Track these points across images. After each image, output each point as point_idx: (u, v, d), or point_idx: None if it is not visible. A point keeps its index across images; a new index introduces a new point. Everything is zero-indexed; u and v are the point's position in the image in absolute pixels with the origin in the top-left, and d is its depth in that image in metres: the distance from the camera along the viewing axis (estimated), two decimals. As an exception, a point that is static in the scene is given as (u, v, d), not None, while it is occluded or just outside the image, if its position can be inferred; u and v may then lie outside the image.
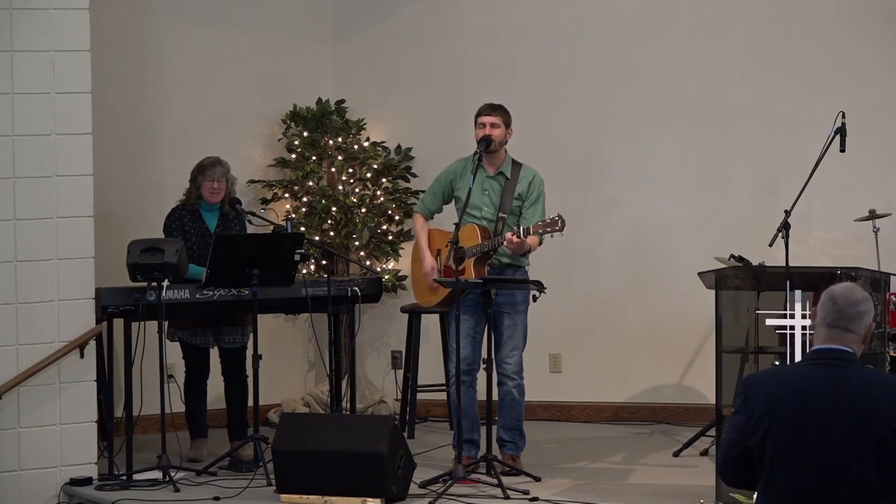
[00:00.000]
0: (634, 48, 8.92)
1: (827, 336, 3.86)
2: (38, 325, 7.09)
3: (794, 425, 3.76)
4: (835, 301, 3.87)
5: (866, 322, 3.87)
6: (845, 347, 3.84)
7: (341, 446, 6.63)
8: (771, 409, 3.79)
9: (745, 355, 7.05)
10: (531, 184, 7.31)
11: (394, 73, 9.39)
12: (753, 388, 3.88)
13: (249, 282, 7.19)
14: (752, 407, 3.83)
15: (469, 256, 7.20)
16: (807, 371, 3.86)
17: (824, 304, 3.88)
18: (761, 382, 3.90)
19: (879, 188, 8.37)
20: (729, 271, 6.99)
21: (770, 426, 3.78)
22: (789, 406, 3.78)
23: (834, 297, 3.88)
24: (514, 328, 7.25)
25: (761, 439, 3.78)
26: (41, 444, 7.11)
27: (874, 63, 8.57)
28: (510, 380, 7.27)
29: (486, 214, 7.29)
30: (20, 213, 7.07)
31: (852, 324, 3.85)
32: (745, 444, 3.83)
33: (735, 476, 3.93)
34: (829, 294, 3.90)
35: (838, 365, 3.82)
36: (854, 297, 3.87)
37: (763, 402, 3.81)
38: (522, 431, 7.37)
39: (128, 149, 8.74)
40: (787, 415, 3.77)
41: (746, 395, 3.87)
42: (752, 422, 3.81)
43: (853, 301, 3.86)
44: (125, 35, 8.74)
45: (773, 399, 3.81)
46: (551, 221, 7.05)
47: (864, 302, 3.88)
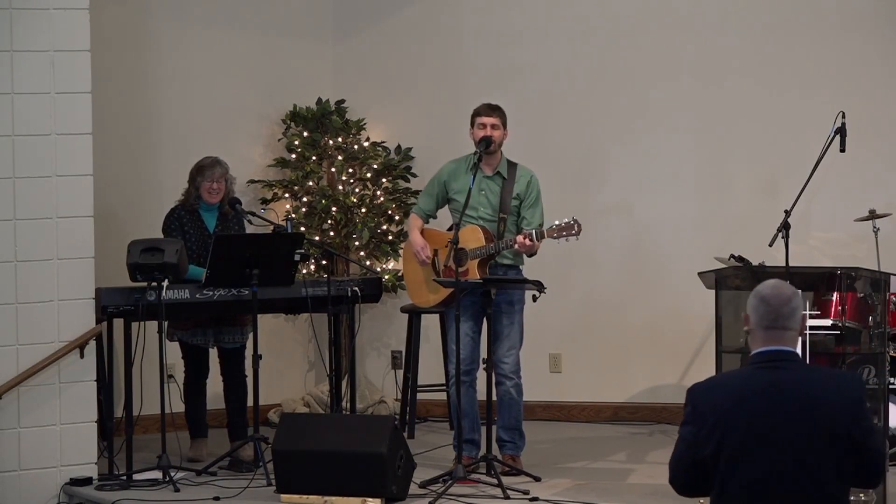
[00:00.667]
0: (634, 48, 8.93)
1: (766, 338, 3.84)
2: (38, 325, 7.09)
3: (747, 431, 3.74)
4: (767, 302, 3.85)
5: (799, 316, 3.87)
6: (787, 348, 3.84)
7: (341, 446, 6.63)
8: (722, 417, 3.77)
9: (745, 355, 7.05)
10: (529, 184, 7.31)
11: (394, 73, 9.39)
12: (700, 397, 3.86)
13: (249, 282, 7.19)
14: (701, 417, 3.81)
15: (472, 258, 7.19)
16: (753, 376, 3.85)
17: (757, 308, 3.86)
18: (708, 391, 3.88)
19: (879, 188, 8.37)
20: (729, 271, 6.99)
21: (723, 434, 3.76)
22: (740, 413, 3.76)
23: (765, 298, 3.86)
24: (511, 327, 7.25)
25: (715, 448, 3.76)
26: (41, 444, 7.11)
27: (874, 63, 8.57)
28: (508, 379, 7.27)
29: (483, 215, 7.28)
30: (20, 213, 7.06)
31: (789, 321, 3.84)
32: (696, 454, 3.80)
33: (688, 486, 3.90)
34: (758, 296, 3.87)
35: (783, 367, 3.81)
36: (785, 294, 3.86)
37: (712, 411, 3.79)
38: (522, 431, 7.37)
39: (128, 149, 8.74)
40: (739, 422, 3.75)
41: (694, 405, 3.85)
42: (704, 431, 3.79)
43: (785, 299, 3.85)
44: (125, 35, 8.74)
45: (723, 407, 3.78)
46: (567, 225, 7.04)
47: (795, 297, 3.88)
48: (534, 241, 7.07)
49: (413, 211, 7.64)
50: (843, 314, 6.68)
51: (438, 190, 7.44)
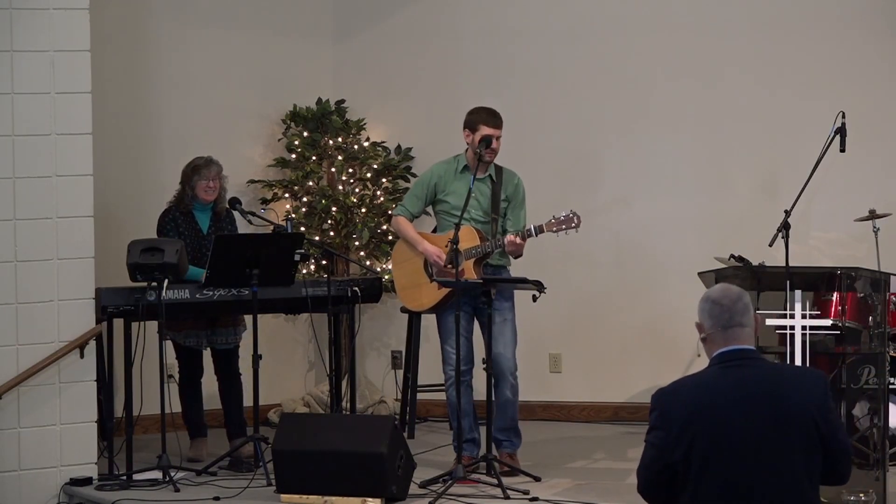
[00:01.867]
0: (634, 48, 8.93)
1: (726, 338, 3.88)
2: (38, 325, 7.09)
3: (718, 432, 3.75)
4: (719, 303, 3.89)
5: (752, 313, 3.91)
6: (747, 346, 3.86)
7: (341, 446, 6.63)
8: (690, 420, 3.77)
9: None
10: (517, 187, 7.32)
11: (394, 73, 9.39)
12: (667, 401, 3.86)
13: (249, 282, 7.19)
14: (669, 421, 3.81)
15: (467, 258, 7.18)
16: (718, 376, 3.86)
17: (710, 311, 3.89)
18: (674, 394, 3.88)
19: (879, 188, 8.38)
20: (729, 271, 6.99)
21: (693, 437, 3.76)
22: (709, 414, 3.77)
23: (715, 300, 3.91)
24: (504, 325, 7.23)
25: (685, 452, 3.76)
26: (41, 444, 7.11)
27: (874, 63, 8.57)
28: (504, 379, 7.25)
29: (475, 216, 7.26)
30: (20, 213, 7.06)
31: (744, 318, 3.88)
32: (667, 459, 3.80)
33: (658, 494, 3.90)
34: (709, 300, 3.92)
35: (747, 364, 3.84)
36: (733, 293, 3.92)
37: (681, 415, 3.79)
38: (517, 430, 7.36)
39: (128, 149, 8.74)
40: (709, 423, 3.76)
41: (661, 410, 3.85)
42: (673, 436, 3.78)
43: (734, 297, 3.90)
44: (125, 35, 8.75)
45: (691, 410, 3.79)
46: (566, 219, 7.03)
47: (744, 295, 3.92)
48: (524, 240, 7.07)
49: (399, 213, 7.48)
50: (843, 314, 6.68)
51: (427, 192, 7.38)
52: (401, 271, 7.50)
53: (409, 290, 7.43)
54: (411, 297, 7.44)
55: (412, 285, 7.40)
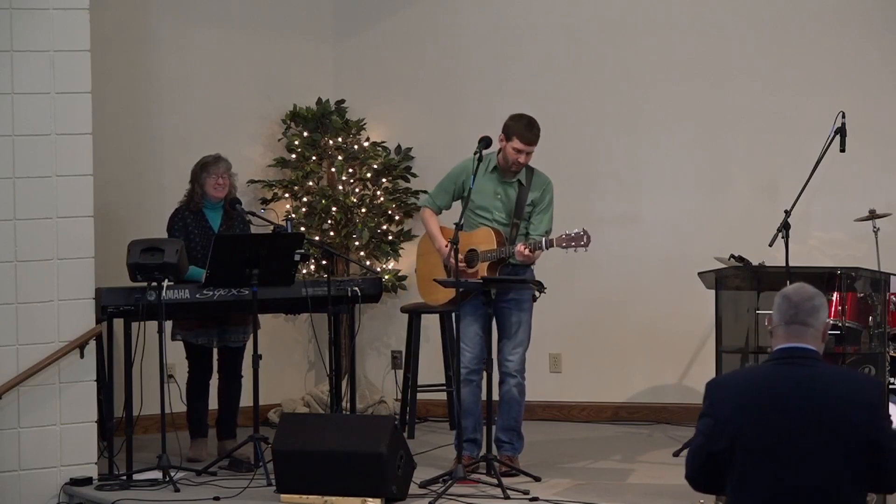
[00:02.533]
0: (634, 48, 8.93)
1: (787, 334, 3.84)
2: (38, 325, 7.09)
3: (762, 427, 3.74)
4: (789, 299, 3.86)
5: (823, 317, 3.86)
6: (807, 346, 3.83)
7: (341, 446, 6.63)
8: (737, 410, 3.77)
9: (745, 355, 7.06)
10: (544, 191, 7.29)
11: (394, 73, 9.39)
12: (718, 391, 3.86)
13: (249, 282, 7.19)
14: (717, 410, 3.81)
15: (482, 261, 7.18)
16: (771, 371, 3.84)
17: (779, 306, 3.87)
18: (726, 385, 3.88)
19: (879, 188, 8.37)
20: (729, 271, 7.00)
21: (738, 427, 3.75)
22: (756, 408, 3.76)
23: (787, 295, 3.87)
24: (518, 326, 7.24)
25: (730, 441, 3.76)
26: (41, 444, 7.10)
27: (874, 63, 8.57)
28: (511, 377, 7.26)
29: (498, 218, 7.26)
30: (20, 213, 7.06)
31: (810, 318, 3.83)
32: (712, 446, 3.80)
33: (703, 481, 3.90)
34: (781, 295, 3.89)
35: (802, 363, 3.81)
36: (807, 292, 3.87)
37: (728, 405, 3.79)
38: (520, 433, 7.36)
39: (128, 149, 8.74)
40: (754, 417, 3.75)
41: (711, 399, 3.84)
42: (718, 425, 3.79)
43: (807, 296, 3.86)
44: (125, 35, 8.75)
45: (739, 402, 3.78)
46: (577, 236, 7.02)
47: (818, 297, 3.87)
48: (533, 252, 7.05)
49: (426, 204, 7.49)
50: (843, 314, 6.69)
51: (455, 187, 7.36)
52: (422, 263, 7.54)
53: (427, 283, 7.44)
54: (428, 291, 7.46)
55: (429, 280, 7.40)
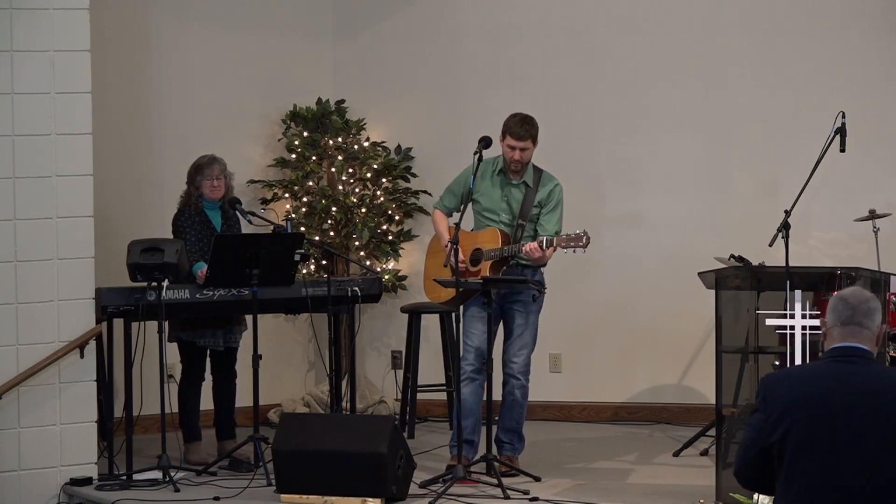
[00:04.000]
0: (635, 48, 8.92)
1: (842, 334, 3.87)
2: (38, 325, 7.09)
3: (814, 422, 3.75)
4: (846, 301, 3.89)
5: (878, 319, 3.89)
6: (862, 345, 3.85)
7: (341, 446, 6.63)
8: (790, 406, 3.79)
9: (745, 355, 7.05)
10: (551, 192, 7.29)
11: (394, 73, 9.39)
12: (772, 386, 3.88)
13: (249, 282, 7.19)
14: (770, 405, 3.83)
15: (486, 259, 7.19)
16: (825, 368, 3.87)
17: (836, 307, 3.90)
18: (780, 380, 3.91)
19: (879, 188, 8.37)
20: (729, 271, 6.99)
21: (790, 424, 3.77)
22: (808, 403, 3.78)
23: (843, 297, 3.91)
24: (524, 327, 7.25)
25: (781, 438, 3.78)
26: (41, 444, 7.11)
27: (874, 63, 8.57)
28: (515, 379, 7.27)
29: (504, 219, 7.26)
30: (20, 213, 7.06)
31: (866, 319, 3.86)
32: (763, 442, 3.81)
33: (752, 476, 3.91)
34: (838, 297, 3.93)
35: (856, 362, 3.83)
36: (864, 295, 3.91)
37: (781, 400, 3.81)
38: (521, 434, 7.37)
39: (128, 149, 8.74)
40: (807, 412, 3.77)
41: (765, 394, 3.87)
42: (771, 420, 3.80)
43: (863, 298, 3.90)
44: (125, 35, 8.75)
45: (792, 397, 3.80)
46: (576, 236, 7.02)
47: (873, 300, 3.91)
48: (543, 249, 7.05)
49: (436, 207, 7.55)
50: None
51: (463, 189, 7.36)
52: (430, 262, 7.57)
53: (431, 281, 7.46)
54: (432, 289, 7.47)
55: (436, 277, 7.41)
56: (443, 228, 7.42)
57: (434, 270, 7.47)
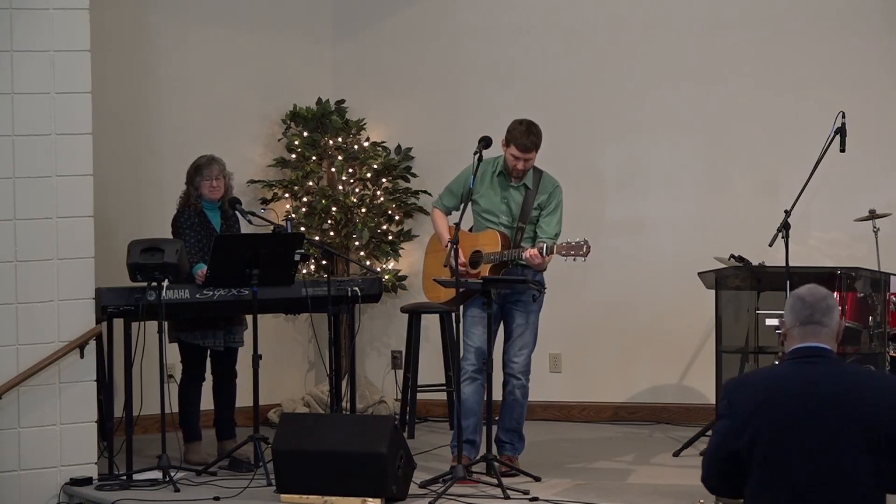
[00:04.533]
0: (635, 48, 8.93)
1: (803, 335, 3.85)
2: (38, 325, 7.08)
3: (782, 425, 3.73)
4: (803, 300, 3.87)
5: (836, 316, 3.87)
6: (823, 345, 3.83)
7: (341, 446, 6.63)
8: (756, 410, 3.76)
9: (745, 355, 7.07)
10: (551, 195, 7.28)
11: (394, 73, 9.39)
12: (736, 391, 3.86)
13: (249, 282, 7.19)
14: (736, 410, 3.80)
15: (486, 262, 7.19)
16: (789, 370, 3.84)
17: (793, 307, 3.87)
18: (743, 385, 3.89)
19: (879, 188, 8.37)
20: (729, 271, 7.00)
21: (757, 428, 3.75)
22: (775, 406, 3.76)
23: (801, 296, 3.89)
24: (525, 327, 7.25)
25: (749, 442, 3.75)
26: (41, 444, 7.10)
27: (874, 63, 8.57)
28: (515, 379, 7.27)
29: (504, 221, 7.26)
30: (20, 213, 7.06)
31: (825, 317, 3.84)
32: (731, 448, 3.78)
33: (720, 482, 3.88)
34: (795, 296, 3.90)
35: (819, 362, 3.81)
36: (821, 292, 3.88)
37: (747, 405, 3.78)
38: (522, 434, 7.37)
39: (128, 149, 8.74)
40: (774, 415, 3.74)
41: (729, 399, 3.84)
42: (738, 425, 3.78)
43: (821, 296, 3.87)
44: (125, 35, 8.75)
45: (758, 401, 3.78)
46: (577, 245, 7.02)
47: (830, 297, 3.89)
48: (543, 256, 7.05)
49: (435, 206, 7.54)
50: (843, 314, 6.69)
51: (463, 189, 7.36)
52: (429, 261, 7.57)
53: (430, 281, 7.46)
54: (431, 288, 7.48)
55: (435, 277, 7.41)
56: (442, 228, 7.42)
57: (433, 270, 7.47)
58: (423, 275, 7.64)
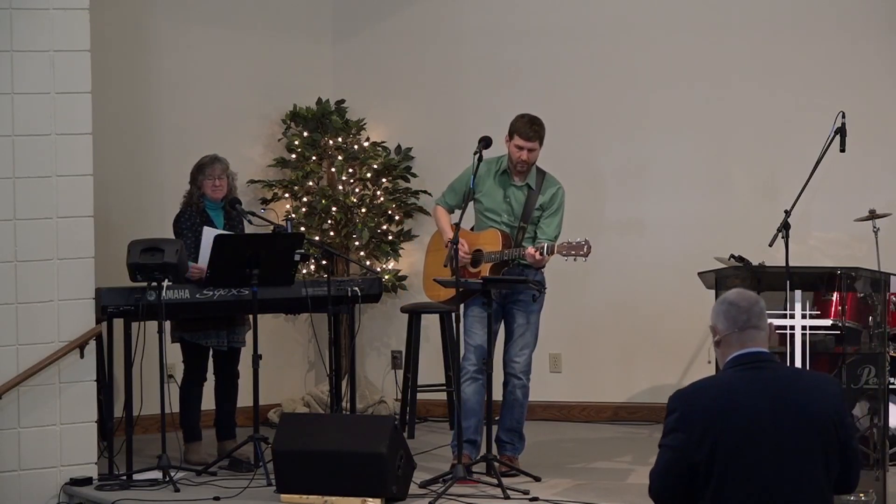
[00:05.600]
0: (635, 49, 8.93)
1: (742, 340, 3.84)
2: (38, 325, 7.09)
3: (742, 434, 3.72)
4: (738, 305, 3.86)
5: (766, 318, 3.88)
6: (762, 349, 3.84)
7: (341, 446, 6.63)
8: (713, 421, 3.74)
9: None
10: (553, 196, 7.29)
11: (394, 73, 9.39)
12: (688, 403, 3.82)
13: (249, 282, 7.19)
14: (690, 423, 3.77)
15: (486, 261, 7.19)
16: (738, 378, 3.82)
17: (727, 313, 3.86)
18: (695, 396, 3.85)
19: (879, 188, 8.38)
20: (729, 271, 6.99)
21: (716, 439, 3.72)
22: (732, 416, 3.74)
23: (733, 302, 3.87)
24: (526, 327, 7.25)
25: (708, 454, 3.72)
26: (41, 444, 7.11)
27: (874, 63, 8.57)
28: (516, 379, 7.27)
29: (506, 220, 7.27)
30: (20, 213, 7.06)
31: (760, 321, 3.85)
32: (689, 460, 3.75)
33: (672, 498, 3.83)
34: (725, 302, 3.88)
35: (763, 367, 3.82)
36: (752, 296, 3.89)
37: (702, 417, 3.76)
38: (522, 434, 7.37)
39: (128, 149, 8.74)
40: (733, 425, 3.73)
41: (681, 412, 3.81)
42: (695, 437, 3.75)
43: (753, 300, 3.88)
44: (125, 35, 8.75)
45: (712, 411, 3.75)
46: (577, 245, 7.02)
47: (760, 300, 3.90)
48: (544, 255, 7.05)
49: (438, 203, 7.54)
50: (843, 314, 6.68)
51: (466, 188, 7.34)
52: (430, 259, 7.57)
53: (430, 280, 7.47)
54: (431, 286, 7.48)
55: (435, 275, 7.41)
56: (445, 224, 7.41)
57: (434, 268, 7.47)
58: (424, 274, 7.65)
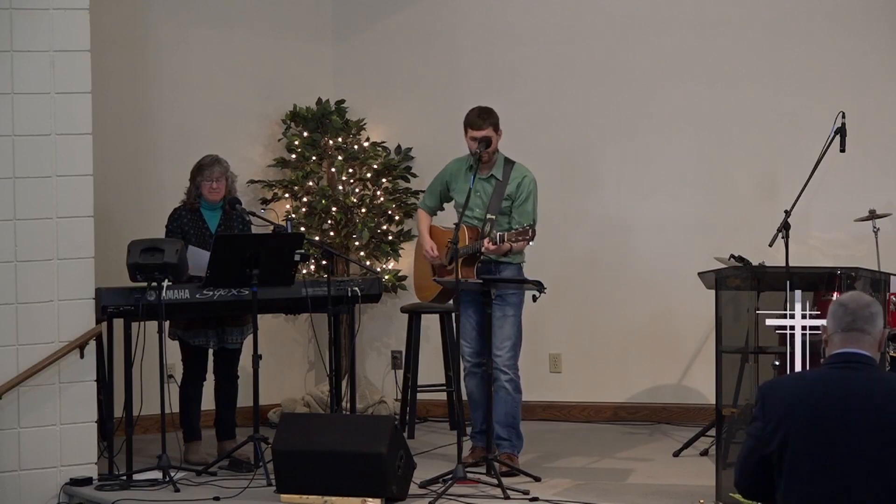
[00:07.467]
0: (635, 49, 8.92)
1: (843, 341, 3.82)
2: (38, 325, 7.09)
3: (812, 429, 3.71)
4: (846, 306, 3.84)
5: (879, 324, 3.84)
6: (863, 351, 3.81)
7: (341, 446, 6.63)
8: (787, 414, 3.74)
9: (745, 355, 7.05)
10: (520, 185, 7.30)
11: (394, 73, 9.39)
12: (770, 393, 3.84)
13: (249, 282, 7.19)
14: (768, 413, 3.79)
15: (459, 256, 7.21)
16: (824, 375, 3.82)
17: (835, 313, 3.85)
18: (778, 387, 3.86)
19: (879, 188, 8.37)
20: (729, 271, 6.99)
21: (788, 431, 3.73)
22: (806, 410, 3.73)
23: (844, 303, 3.86)
24: (503, 319, 7.25)
25: (779, 445, 3.74)
26: (41, 444, 7.11)
27: (874, 63, 8.57)
28: (502, 373, 7.26)
29: (478, 215, 7.31)
30: (20, 213, 7.07)
31: (867, 325, 3.82)
32: (762, 451, 3.78)
33: (753, 485, 3.86)
34: (838, 302, 3.88)
35: (857, 368, 3.78)
36: (864, 299, 3.87)
37: (779, 408, 3.77)
38: (519, 431, 7.36)
39: (128, 149, 8.74)
40: (805, 419, 3.72)
41: (763, 402, 3.83)
42: (769, 428, 3.76)
43: (864, 303, 3.85)
44: (125, 35, 8.75)
45: (790, 404, 3.76)
46: (522, 231, 7.08)
47: (874, 304, 3.87)
48: (497, 244, 7.07)
49: (420, 206, 7.70)
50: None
51: (441, 188, 7.51)
52: (418, 263, 7.67)
53: (420, 281, 7.60)
54: (420, 287, 7.60)
55: (423, 276, 7.55)
56: (423, 230, 7.55)
57: (419, 272, 7.63)
58: (413, 277, 7.71)
